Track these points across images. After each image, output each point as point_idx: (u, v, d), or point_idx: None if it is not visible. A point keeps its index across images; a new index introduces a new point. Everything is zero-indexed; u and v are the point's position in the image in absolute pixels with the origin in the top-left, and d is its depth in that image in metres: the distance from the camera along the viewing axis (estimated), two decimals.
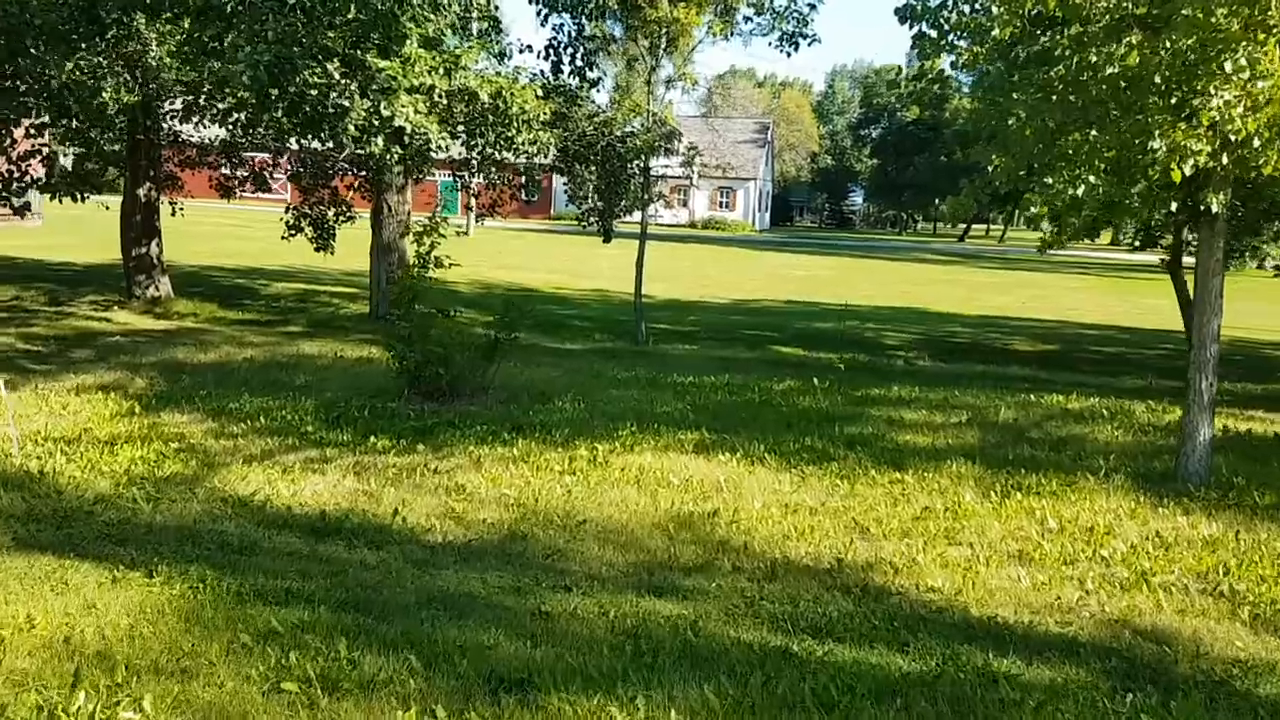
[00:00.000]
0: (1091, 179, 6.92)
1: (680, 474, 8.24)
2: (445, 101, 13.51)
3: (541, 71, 16.75)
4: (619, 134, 15.82)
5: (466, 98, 13.68)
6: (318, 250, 20.02)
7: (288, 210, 19.76)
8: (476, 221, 23.29)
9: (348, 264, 22.90)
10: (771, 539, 6.83)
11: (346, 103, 12.30)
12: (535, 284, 25.51)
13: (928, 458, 9.08)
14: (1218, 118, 6.54)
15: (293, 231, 19.95)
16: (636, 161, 15.68)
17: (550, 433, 9.29)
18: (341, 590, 5.53)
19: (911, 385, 12.93)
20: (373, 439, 8.74)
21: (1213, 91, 6.46)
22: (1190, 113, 6.78)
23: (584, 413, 10.38)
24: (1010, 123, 6.98)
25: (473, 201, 20.34)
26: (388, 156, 13.19)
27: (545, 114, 13.65)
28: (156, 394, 10.29)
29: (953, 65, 8.05)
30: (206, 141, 19.43)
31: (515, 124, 13.58)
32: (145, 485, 7.29)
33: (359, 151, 13.61)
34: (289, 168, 20.46)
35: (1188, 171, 6.78)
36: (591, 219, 17.52)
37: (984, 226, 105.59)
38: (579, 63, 16.24)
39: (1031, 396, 12.38)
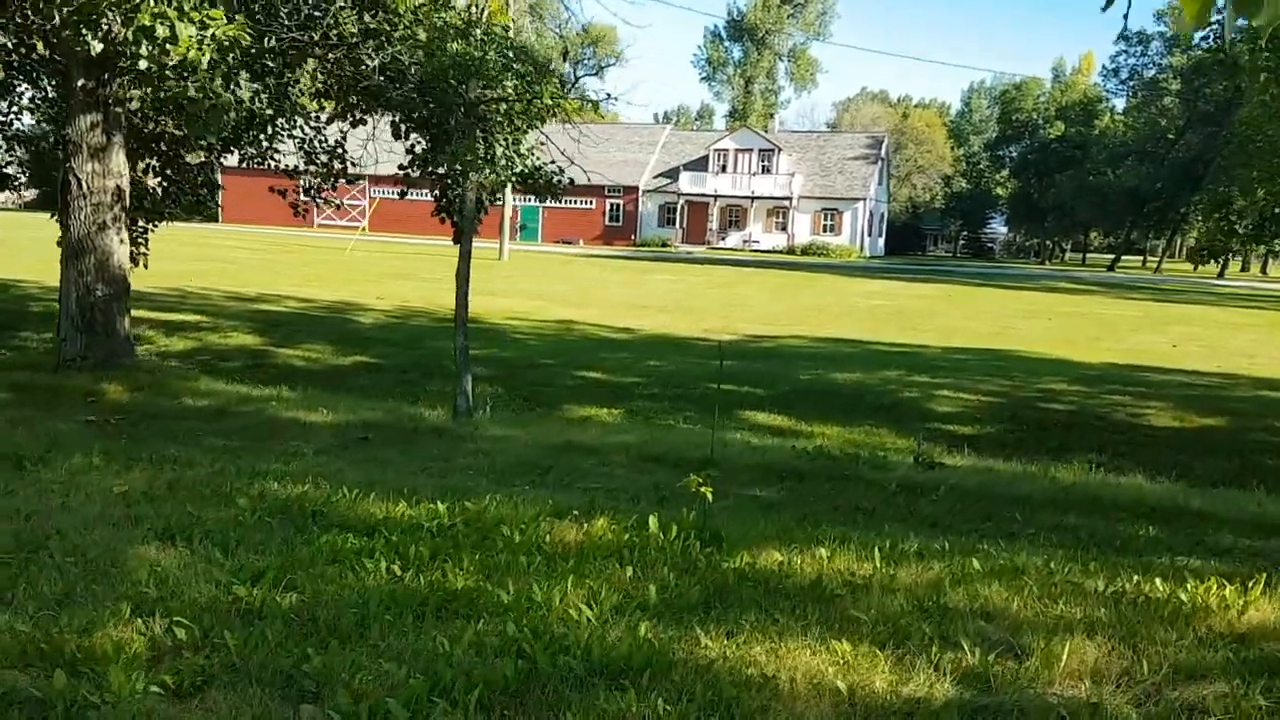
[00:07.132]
0: None
1: None
2: None
3: None
4: (428, 50, 9.25)
5: None
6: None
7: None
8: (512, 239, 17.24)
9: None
10: None
11: None
12: (489, 312, 19.09)
13: None
14: None
15: None
16: (458, 94, 9.03)
17: None
18: None
19: (887, 534, 5.76)
20: None
21: None
22: None
23: None
24: None
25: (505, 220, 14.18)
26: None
27: None
28: None
29: None
30: None
31: None
32: None
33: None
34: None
35: None
36: (443, 208, 11.08)
37: (1139, 256, 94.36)
38: None
39: (1160, 583, 4.88)
